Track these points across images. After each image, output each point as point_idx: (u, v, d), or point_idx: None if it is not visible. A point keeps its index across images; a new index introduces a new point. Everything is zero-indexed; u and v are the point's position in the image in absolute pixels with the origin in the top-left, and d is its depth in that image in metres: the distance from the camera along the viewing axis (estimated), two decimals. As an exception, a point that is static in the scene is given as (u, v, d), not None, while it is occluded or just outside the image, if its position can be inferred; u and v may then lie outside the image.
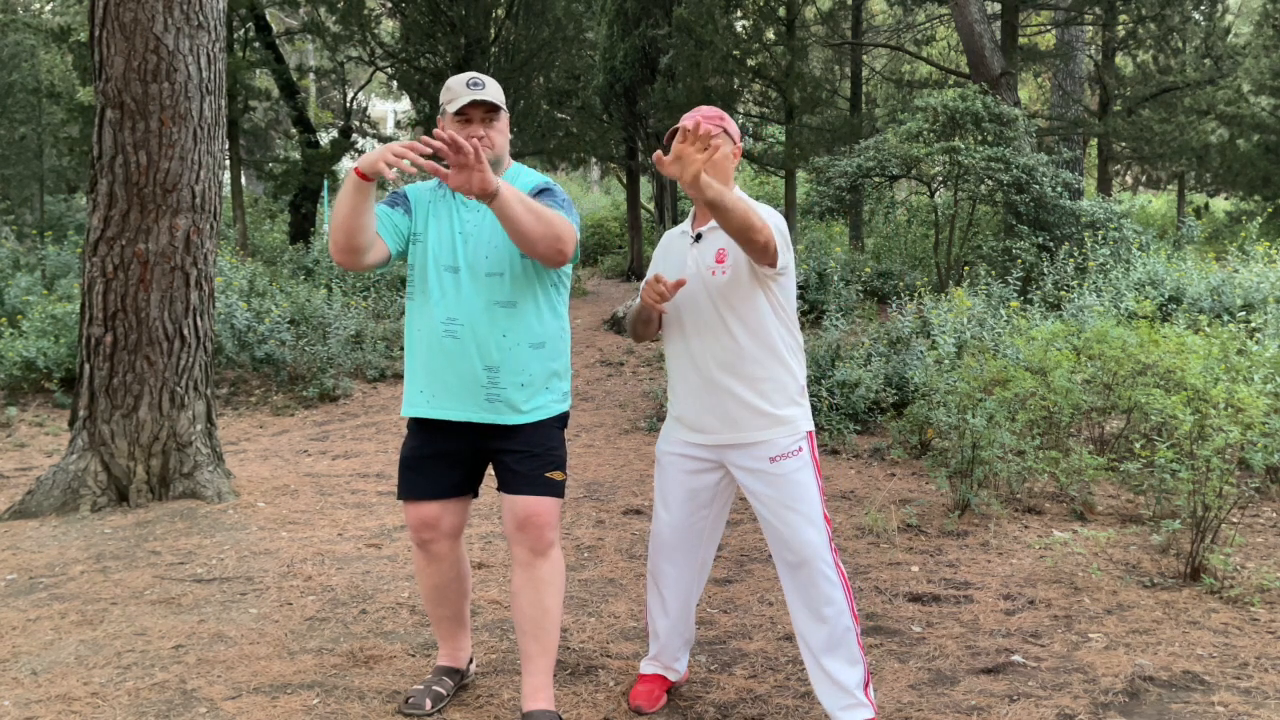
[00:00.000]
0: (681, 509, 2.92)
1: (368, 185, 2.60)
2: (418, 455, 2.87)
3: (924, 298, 9.05)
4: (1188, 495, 4.20)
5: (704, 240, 2.85)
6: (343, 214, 2.62)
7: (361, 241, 2.65)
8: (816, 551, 2.74)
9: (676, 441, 2.93)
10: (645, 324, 2.93)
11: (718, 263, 2.79)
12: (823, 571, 2.74)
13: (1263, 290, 8.06)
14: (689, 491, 2.91)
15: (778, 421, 2.78)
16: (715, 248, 2.82)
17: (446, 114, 2.77)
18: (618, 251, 19.88)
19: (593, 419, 7.95)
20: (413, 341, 2.85)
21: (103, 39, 5.12)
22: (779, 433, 2.78)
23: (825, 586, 2.74)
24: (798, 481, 2.76)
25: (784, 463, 2.76)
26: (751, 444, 2.78)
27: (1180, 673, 3.24)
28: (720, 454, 2.85)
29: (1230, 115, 14.34)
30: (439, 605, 3.03)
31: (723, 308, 2.78)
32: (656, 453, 3.00)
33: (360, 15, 14.45)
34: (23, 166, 15.27)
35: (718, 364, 2.79)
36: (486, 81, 2.77)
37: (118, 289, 5.18)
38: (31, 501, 5.11)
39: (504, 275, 2.75)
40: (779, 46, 14.71)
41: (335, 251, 2.67)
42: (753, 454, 2.78)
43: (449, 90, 2.77)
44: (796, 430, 2.79)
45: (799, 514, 2.74)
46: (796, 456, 2.77)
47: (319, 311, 9.91)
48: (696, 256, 2.85)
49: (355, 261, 2.68)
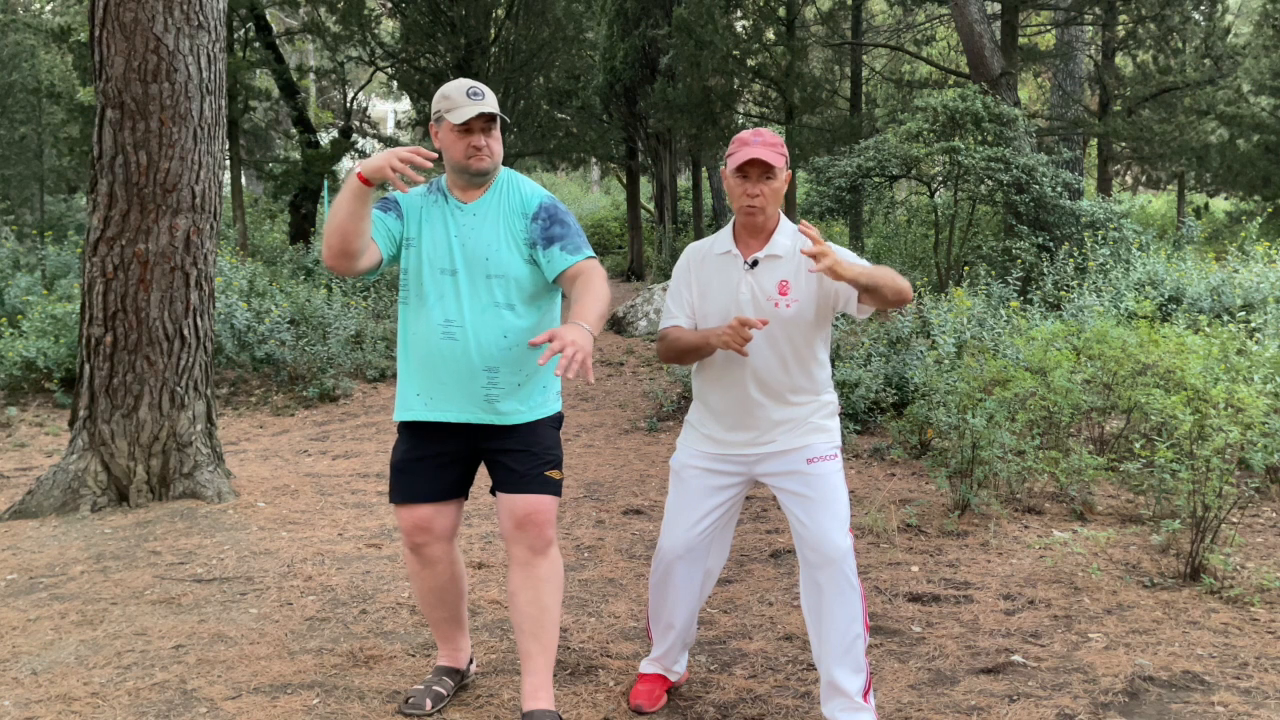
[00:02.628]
0: (699, 523, 2.91)
1: (369, 191, 2.61)
2: (410, 458, 2.86)
3: (924, 298, 9.05)
4: (1188, 495, 4.20)
5: (761, 268, 2.81)
6: (341, 218, 2.61)
7: (357, 246, 2.66)
8: (844, 555, 2.76)
9: (701, 455, 2.91)
10: (694, 354, 2.83)
11: (780, 294, 2.78)
12: (846, 575, 2.76)
13: (1263, 290, 8.06)
14: (709, 506, 2.90)
15: (817, 429, 2.84)
16: (777, 279, 2.79)
17: (445, 122, 2.76)
18: (618, 251, 19.88)
19: (593, 419, 7.95)
20: (407, 345, 2.84)
21: (103, 39, 5.12)
22: (817, 439, 2.83)
23: (847, 591, 2.76)
24: (833, 485, 2.79)
25: (821, 464, 2.80)
26: (790, 450, 2.82)
27: (1180, 673, 3.24)
28: (752, 464, 2.86)
29: (1230, 115, 14.33)
30: (435, 608, 3.02)
31: (782, 339, 2.78)
32: (674, 465, 2.97)
33: (360, 15, 14.45)
34: (23, 166, 15.27)
35: (765, 389, 2.81)
36: (484, 90, 2.77)
37: (118, 289, 5.18)
38: (31, 501, 5.11)
39: (507, 278, 2.76)
40: (779, 46, 14.72)
41: (330, 256, 2.66)
42: (790, 459, 2.82)
43: (447, 99, 2.74)
44: (833, 440, 2.86)
45: (831, 514, 2.77)
46: (833, 460, 2.82)
47: (319, 311, 9.91)
48: (753, 284, 2.80)
49: (349, 266, 2.69)
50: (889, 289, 2.62)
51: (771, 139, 2.76)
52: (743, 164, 2.73)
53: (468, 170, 2.77)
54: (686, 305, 2.89)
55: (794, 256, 2.81)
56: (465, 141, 2.74)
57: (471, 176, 2.78)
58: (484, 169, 2.77)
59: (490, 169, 2.78)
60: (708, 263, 2.89)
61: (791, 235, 2.83)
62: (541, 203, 2.82)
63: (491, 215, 2.80)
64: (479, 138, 2.74)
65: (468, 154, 2.74)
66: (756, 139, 2.75)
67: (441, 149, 2.79)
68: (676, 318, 2.88)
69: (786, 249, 2.81)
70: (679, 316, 2.88)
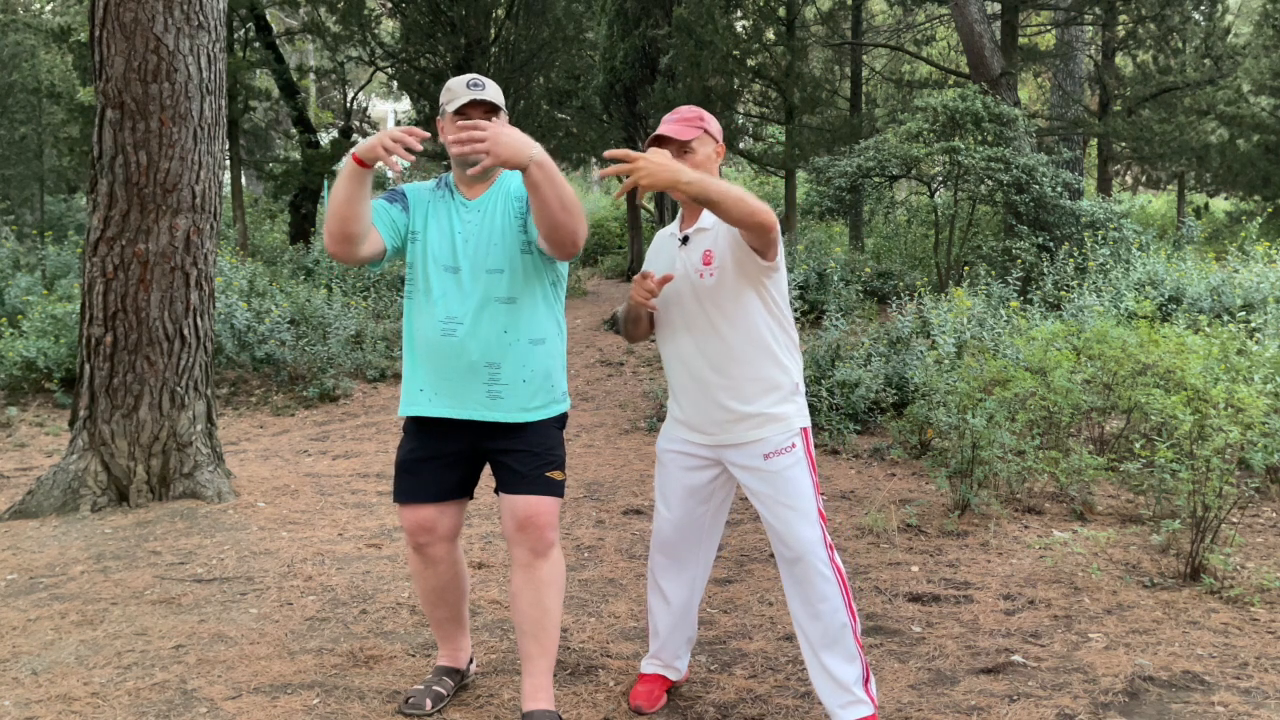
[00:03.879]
0: (681, 505, 2.94)
1: (365, 172, 2.61)
2: (415, 458, 2.87)
3: (924, 298, 9.05)
4: (1188, 495, 4.20)
5: (691, 242, 2.85)
6: (338, 201, 2.63)
7: (356, 230, 2.65)
8: (811, 548, 2.75)
9: (676, 440, 2.94)
10: (635, 323, 2.95)
11: (705, 264, 2.79)
12: (818, 568, 2.75)
13: (1263, 290, 8.06)
14: (688, 488, 2.92)
15: (771, 419, 2.78)
16: (702, 249, 2.81)
17: (446, 114, 2.77)
18: (618, 251, 19.88)
19: (593, 419, 7.95)
20: (412, 340, 2.85)
21: (103, 39, 5.12)
22: (772, 430, 2.78)
23: (820, 583, 2.75)
24: (791, 478, 2.76)
25: (777, 459, 2.77)
26: (745, 443, 2.80)
27: (1180, 673, 3.24)
28: (717, 453, 2.87)
29: (1230, 115, 14.33)
30: (437, 608, 3.03)
31: (711, 309, 2.78)
32: (657, 450, 3.01)
33: (360, 15, 14.46)
34: (23, 166, 15.26)
35: (709, 365, 2.80)
36: (486, 83, 2.78)
37: (118, 289, 5.18)
38: (32, 501, 5.11)
39: (504, 272, 2.76)
40: (779, 46, 14.72)
41: (330, 242, 2.67)
42: (747, 452, 2.80)
43: (449, 91, 2.77)
44: (790, 427, 2.79)
45: (794, 510, 2.76)
46: (790, 453, 2.77)
47: (319, 311, 9.91)
48: (684, 259, 2.84)
49: (350, 252, 2.68)
50: (730, 201, 2.50)
51: (688, 114, 2.79)
52: (652, 140, 2.77)
53: (463, 162, 2.78)
54: None
55: (716, 226, 2.81)
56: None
57: (467, 169, 2.79)
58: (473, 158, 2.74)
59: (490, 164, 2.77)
60: (663, 243, 2.97)
61: None
62: None
63: (492, 209, 2.80)
64: None
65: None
66: (671, 116, 2.78)
67: (445, 144, 2.80)
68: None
69: (711, 221, 2.83)
70: None
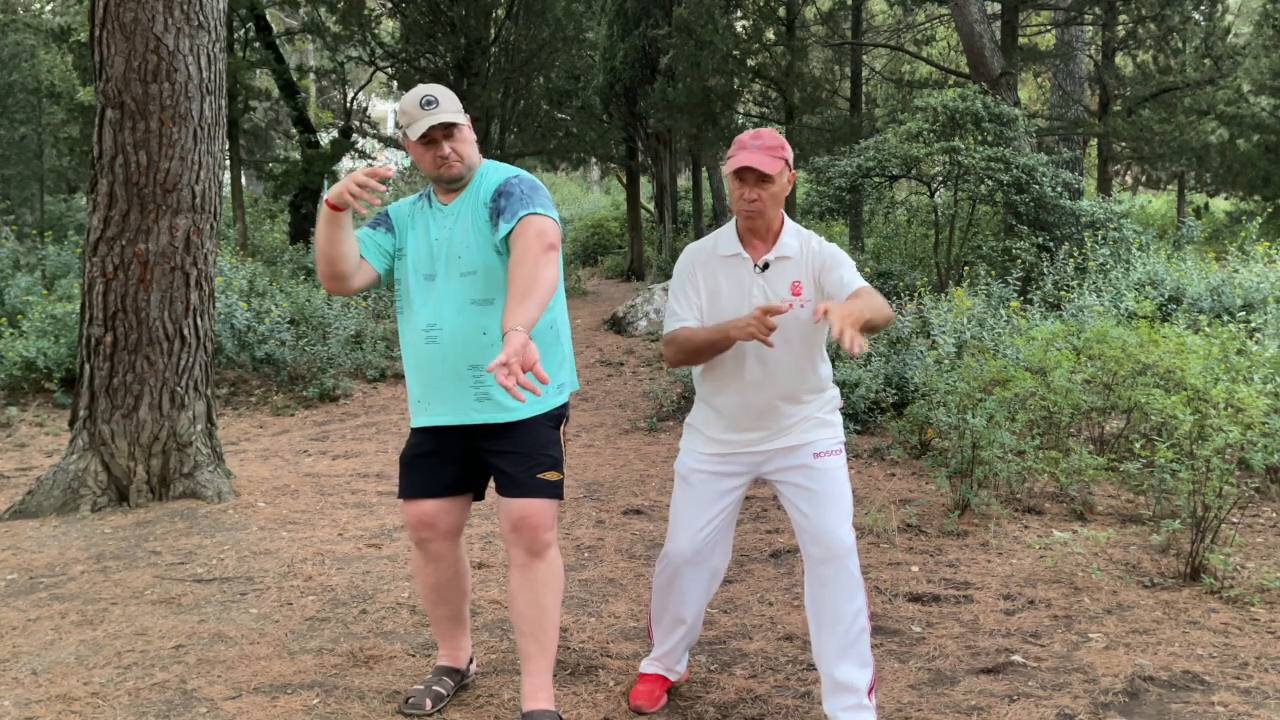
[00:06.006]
0: (706, 526, 2.90)
1: (339, 215, 2.70)
2: (415, 454, 2.91)
3: (924, 298, 9.05)
4: (1188, 495, 4.20)
5: (773, 270, 2.80)
6: (322, 245, 2.74)
7: (344, 269, 2.76)
8: (848, 549, 2.77)
9: (706, 458, 2.90)
10: (711, 351, 2.78)
11: (795, 295, 2.78)
12: (850, 569, 2.77)
13: (1263, 290, 8.06)
14: (716, 509, 2.91)
15: (824, 424, 2.87)
16: (789, 280, 2.79)
17: (407, 138, 2.76)
18: (618, 251, 19.87)
19: (593, 419, 7.95)
20: (404, 353, 2.91)
21: (103, 39, 5.12)
22: (824, 434, 2.85)
23: (851, 585, 2.77)
24: (839, 479, 2.81)
25: (827, 459, 2.82)
26: (799, 445, 2.83)
27: (1180, 673, 3.24)
28: (760, 462, 2.87)
29: (1230, 115, 14.33)
30: (437, 605, 3.04)
31: (796, 340, 2.79)
32: (680, 470, 2.96)
33: (360, 15, 14.45)
34: (23, 166, 15.26)
35: (780, 393, 2.81)
36: (439, 97, 2.74)
37: (118, 289, 5.18)
38: (31, 501, 5.11)
39: (478, 274, 2.76)
40: (779, 46, 14.72)
41: (323, 281, 2.80)
42: (797, 454, 2.83)
43: (404, 114, 2.74)
44: (838, 435, 2.89)
45: (837, 509, 2.78)
46: (838, 455, 2.85)
47: (319, 311, 9.91)
48: (765, 286, 2.80)
49: (342, 287, 2.80)
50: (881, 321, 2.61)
51: (771, 141, 2.73)
52: (737, 169, 2.73)
53: (440, 179, 2.80)
54: (694, 307, 2.83)
55: (802, 256, 2.81)
56: (431, 153, 2.76)
57: (447, 183, 2.82)
58: (454, 175, 2.79)
59: (462, 174, 2.80)
60: (713, 264, 2.85)
61: (796, 234, 2.83)
62: (498, 185, 2.78)
63: (463, 213, 2.81)
64: (443, 146, 2.75)
65: (436, 164, 2.77)
66: (754, 142, 2.73)
67: (413, 160, 2.82)
68: (685, 319, 2.83)
69: (794, 249, 2.80)
70: (687, 318, 2.83)
